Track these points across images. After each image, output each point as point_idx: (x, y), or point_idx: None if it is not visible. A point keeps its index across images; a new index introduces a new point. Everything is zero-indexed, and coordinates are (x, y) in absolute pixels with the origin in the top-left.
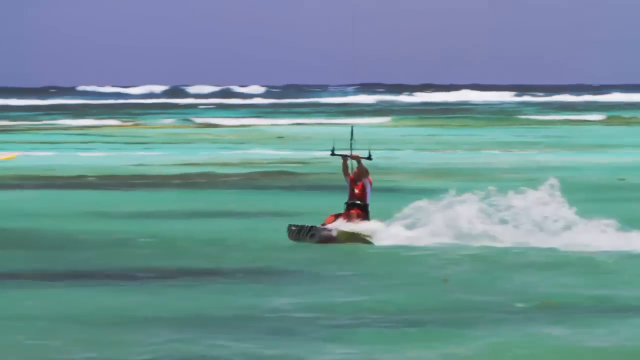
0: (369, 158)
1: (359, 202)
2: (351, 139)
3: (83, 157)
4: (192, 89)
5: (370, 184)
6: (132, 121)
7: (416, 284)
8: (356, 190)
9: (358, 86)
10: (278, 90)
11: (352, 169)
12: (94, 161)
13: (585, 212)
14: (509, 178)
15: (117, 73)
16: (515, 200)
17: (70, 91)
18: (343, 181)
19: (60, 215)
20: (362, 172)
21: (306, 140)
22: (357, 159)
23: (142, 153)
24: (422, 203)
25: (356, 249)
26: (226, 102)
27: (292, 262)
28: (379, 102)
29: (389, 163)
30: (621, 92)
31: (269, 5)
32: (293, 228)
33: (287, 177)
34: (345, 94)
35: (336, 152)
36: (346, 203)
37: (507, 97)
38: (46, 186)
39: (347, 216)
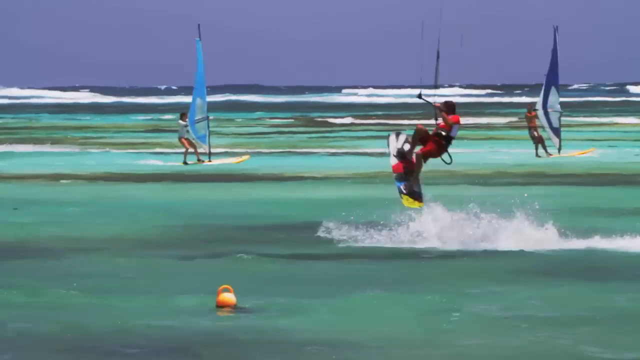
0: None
1: (443, 132)
2: (436, 83)
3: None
4: None
5: (458, 123)
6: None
7: None
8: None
9: None
10: None
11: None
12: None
13: None
14: None
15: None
16: None
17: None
18: None
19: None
20: (448, 122)
21: None
22: (439, 109)
23: None
24: None
25: None
26: None
27: None
28: None
29: None
30: None
31: None
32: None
33: None
34: None
35: (423, 97)
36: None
37: None
38: (584, 183)
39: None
